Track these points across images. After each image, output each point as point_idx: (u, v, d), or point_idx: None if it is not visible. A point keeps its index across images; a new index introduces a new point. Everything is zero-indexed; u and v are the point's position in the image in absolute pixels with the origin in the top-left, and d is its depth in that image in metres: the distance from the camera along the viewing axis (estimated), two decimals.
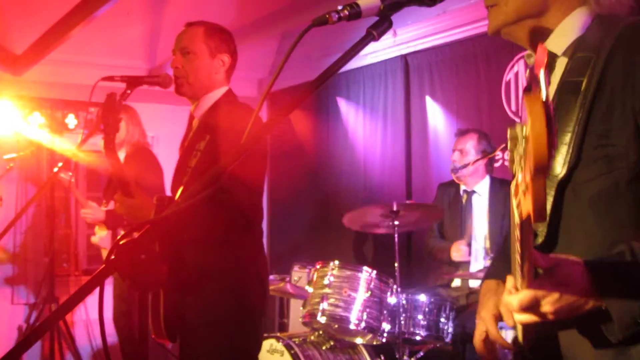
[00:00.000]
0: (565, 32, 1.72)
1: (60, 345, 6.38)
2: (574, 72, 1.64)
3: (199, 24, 3.30)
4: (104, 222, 5.50)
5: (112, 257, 1.50)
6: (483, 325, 1.85)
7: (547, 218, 1.60)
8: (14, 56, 6.79)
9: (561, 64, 1.72)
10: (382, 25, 1.71)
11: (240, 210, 2.99)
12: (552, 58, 1.73)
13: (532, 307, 1.46)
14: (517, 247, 1.47)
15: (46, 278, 6.66)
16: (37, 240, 6.98)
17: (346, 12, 1.66)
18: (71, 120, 6.68)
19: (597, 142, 1.57)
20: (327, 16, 1.65)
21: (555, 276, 1.47)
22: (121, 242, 1.51)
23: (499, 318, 1.80)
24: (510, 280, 1.58)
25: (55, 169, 4.86)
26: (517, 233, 1.44)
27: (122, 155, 5.52)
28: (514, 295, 1.49)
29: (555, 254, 1.57)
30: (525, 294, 1.46)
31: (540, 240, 1.66)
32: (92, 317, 7.04)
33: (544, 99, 1.20)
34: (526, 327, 1.63)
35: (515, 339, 1.75)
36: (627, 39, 1.58)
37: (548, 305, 1.46)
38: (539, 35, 1.75)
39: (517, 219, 1.41)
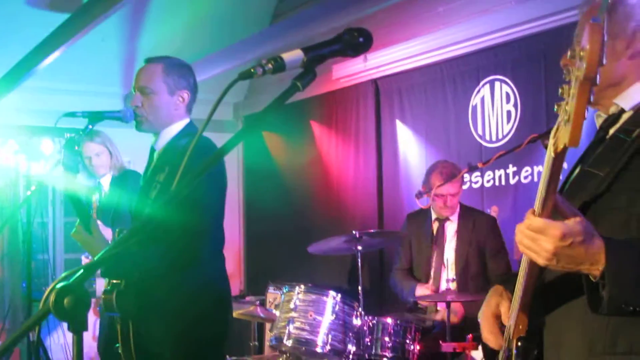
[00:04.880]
0: (635, 94, 1.89)
1: None
2: (632, 122, 1.82)
3: (157, 60, 3.31)
4: None
5: (49, 298, 1.56)
6: (485, 322, 2.03)
7: None
8: None
9: (625, 116, 1.87)
10: (306, 76, 1.77)
11: (188, 242, 3.02)
12: (620, 112, 1.90)
13: (538, 233, 1.57)
14: (545, 179, 1.57)
15: (24, 302, 6.70)
16: (13, 265, 6.95)
17: (270, 66, 1.72)
18: (47, 145, 6.71)
19: (629, 182, 1.73)
20: (252, 70, 1.71)
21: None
22: (57, 285, 1.53)
23: (498, 317, 1.98)
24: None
25: (29, 193, 4.94)
26: (547, 168, 1.56)
27: (108, 179, 5.62)
28: (528, 217, 1.60)
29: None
30: (537, 220, 1.58)
31: None
32: (69, 340, 7.05)
33: (603, 27, 1.40)
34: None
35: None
36: None
37: (551, 240, 1.55)
38: (612, 97, 1.92)
39: (550, 155, 1.53)
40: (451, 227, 5.04)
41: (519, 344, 1.83)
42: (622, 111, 1.90)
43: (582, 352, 1.76)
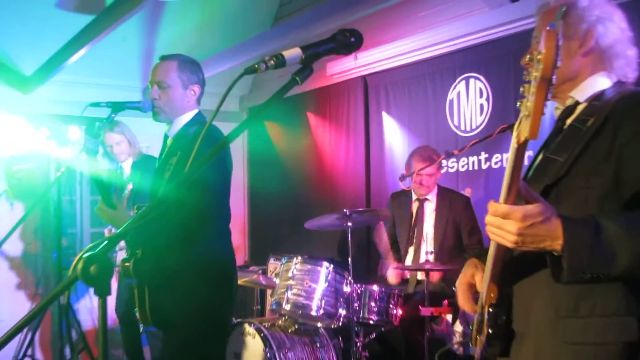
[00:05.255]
0: (587, 87, 1.92)
1: (69, 328, 6.43)
2: (587, 112, 1.84)
3: (172, 57, 3.30)
4: None
5: (77, 266, 1.55)
6: (460, 289, 2.04)
7: None
8: (24, 77, 6.81)
9: (580, 108, 1.91)
10: (304, 72, 1.78)
11: (197, 218, 3.01)
12: (575, 104, 1.92)
13: (503, 217, 1.58)
14: (510, 167, 1.58)
15: (55, 270, 6.71)
16: (46, 238, 6.94)
17: (272, 62, 1.73)
18: (74, 132, 6.69)
19: (586, 166, 1.75)
20: (256, 66, 1.72)
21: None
22: (84, 255, 1.54)
23: (472, 285, 2.01)
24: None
25: (58, 174, 4.93)
26: (510, 160, 1.57)
27: (129, 163, 5.64)
28: (492, 205, 1.61)
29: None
30: (502, 206, 1.59)
31: None
32: (95, 304, 7.07)
33: (558, 33, 1.42)
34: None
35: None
36: (623, 103, 1.79)
37: (514, 222, 1.57)
38: (568, 90, 1.95)
39: (514, 145, 1.54)
40: (430, 206, 5.04)
41: (490, 309, 1.84)
42: (577, 103, 1.92)
43: (549, 315, 1.77)
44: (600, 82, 1.91)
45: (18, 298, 6.91)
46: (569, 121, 1.90)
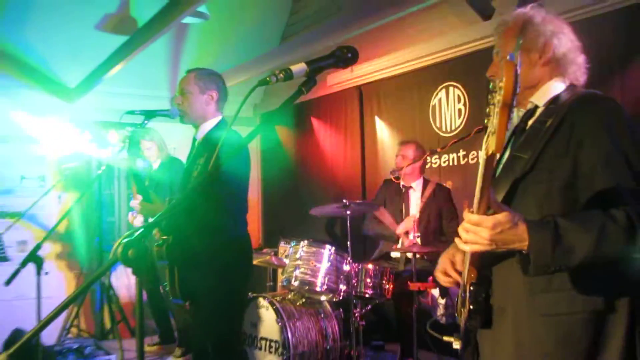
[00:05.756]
0: (545, 92, 1.91)
1: (110, 302, 6.46)
2: (545, 114, 1.84)
3: (193, 70, 3.34)
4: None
5: (117, 250, 1.58)
6: (441, 264, 2.04)
7: (502, 200, 1.76)
8: (69, 89, 6.83)
9: (539, 110, 1.89)
10: (309, 83, 1.79)
11: (220, 209, 3.03)
12: (534, 108, 1.91)
13: (475, 226, 1.59)
14: (480, 178, 1.59)
15: (97, 254, 6.76)
16: (89, 225, 6.97)
17: (282, 75, 1.73)
18: (113, 136, 6.68)
19: (547, 161, 1.75)
20: (267, 78, 1.72)
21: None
22: (123, 240, 1.55)
23: (453, 262, 1.99)
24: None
25: (99, 172, 4.94)
26: (480, 169, 1.58)
27: (158, 162, 5.65)
28: (466, 215, 1.62)
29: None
30: (474, 216, 1.60)
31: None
32: (131, 281, 7.08)
33: (516, 64, 1.42)
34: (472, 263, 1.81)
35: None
36: (576, 104, 1.80)
37: (486, 230, 1.58)
38: (529, 96, 1.93)
39: (483, 157, 1.55)
40: (415, 195, 5.05)
41: (471, 288, 1.83)
42: (537, 107, 1.91)
43: (525, 292, 1.77)
44: (556, 87, 1.90)
45: (66, 277, 6.94)
46: (530, 122, 1.89)
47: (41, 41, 6.19)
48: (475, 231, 1.60)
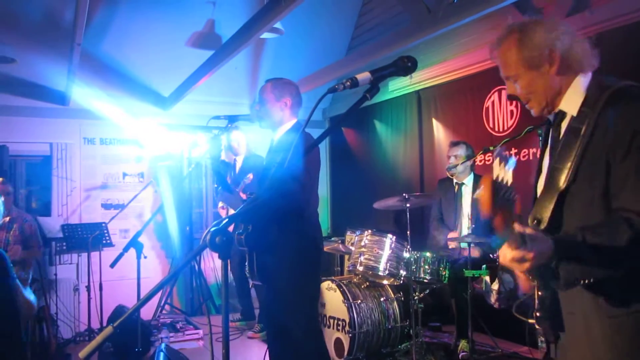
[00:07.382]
0: (572, 95, 1.74)
1: (198, 284, 6.64)
2: (577, 121, 1.69)
3: (270, 80, 3.36)
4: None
5: (206, 237, 1.60)
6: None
7: (550, 213, 1.67)
8: (163, 98, 7.04)
9: (569, 116, 1.74)
10: (372, 90, 1.78)
11: (293, 202, 3.04)
12: (563, 114, 1.77)
13: (519, 262, 1.53)
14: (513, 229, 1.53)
15: (188, 240, 6.93)
16: (181, 215, 7.17)
17: (348, 83, 1.74)
18: (201, 138, 6.84)
19: (587, 170, 1.64)
20: (336, 86, 1.72)
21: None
22: (211, 229, 1.58)
23: None
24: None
25: (190, 169, 5.07)
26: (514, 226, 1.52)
27: (241, 158, 5.78)
28: (508, 252, 1.54)
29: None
30: (516, 252, 1.52)
31: (543, 226, 1.69)
32: (217, 265, 7.25)
33: (493, 178, 1.41)
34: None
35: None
36: (607, 104, 1.64)
37: (528, 262, 1.52)
38: (558, 104, 1.78)
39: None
40: (467, 190, 4.97)
41: (539, 293, 1.77)
42: (564, 113, 1.77)
43: (590, 296, 1.68)
44: (581, 84, 1.74)
45: (160, 260, 7.15)
46: (563, 124, 1.76)
47: (140, 57, 6.40)
48: (520, 264, 1.54)
